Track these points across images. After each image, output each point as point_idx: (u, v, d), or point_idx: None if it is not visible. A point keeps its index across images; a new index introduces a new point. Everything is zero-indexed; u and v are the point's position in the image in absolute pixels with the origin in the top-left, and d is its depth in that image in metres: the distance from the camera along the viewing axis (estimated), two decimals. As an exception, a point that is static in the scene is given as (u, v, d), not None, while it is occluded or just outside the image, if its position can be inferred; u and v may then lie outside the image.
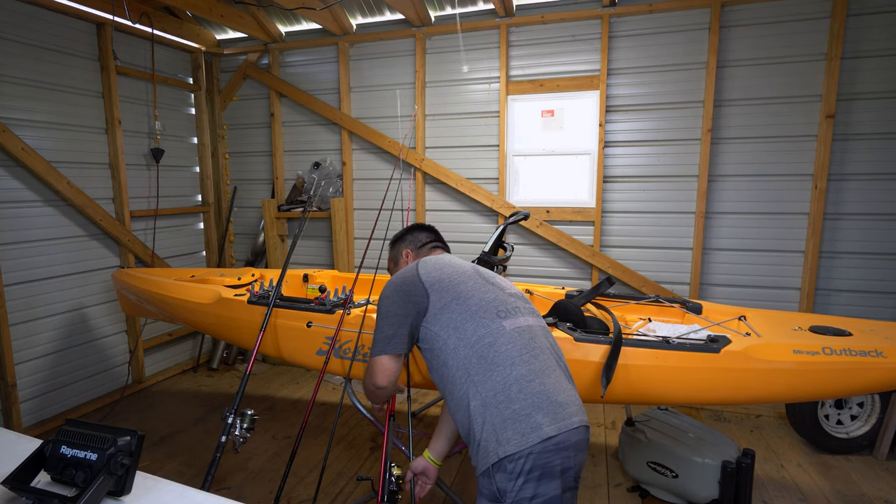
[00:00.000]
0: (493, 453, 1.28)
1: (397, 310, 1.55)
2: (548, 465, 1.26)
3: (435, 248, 1.89)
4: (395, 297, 1.58)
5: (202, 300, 2.66)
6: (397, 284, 1.61)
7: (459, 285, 1.55)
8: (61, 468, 0.99)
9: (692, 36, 3.33)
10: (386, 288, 1.63)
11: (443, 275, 1.58)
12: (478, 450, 1.33)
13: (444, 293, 1.52)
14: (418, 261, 1.69)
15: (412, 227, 1.95)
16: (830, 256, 3.26)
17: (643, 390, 2.02)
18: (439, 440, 1.73)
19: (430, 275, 1.58)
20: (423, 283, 1.56)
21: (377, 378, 1.53)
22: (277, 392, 3.88)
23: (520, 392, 1.31)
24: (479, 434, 1.33)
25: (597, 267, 3.65)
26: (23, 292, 3.17)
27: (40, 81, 3.22)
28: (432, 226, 1.98)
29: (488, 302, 1.50)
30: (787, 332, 2.13)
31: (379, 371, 1.53)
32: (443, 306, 1.50)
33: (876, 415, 2.86)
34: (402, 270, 1.67)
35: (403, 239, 1.94)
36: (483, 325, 1.43)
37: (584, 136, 3.67)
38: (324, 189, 4.19)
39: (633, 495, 2.55)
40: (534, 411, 1.29)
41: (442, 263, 1.64)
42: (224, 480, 2.73)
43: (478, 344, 1.40)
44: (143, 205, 3.94)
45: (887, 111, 3.07)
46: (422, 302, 1.53)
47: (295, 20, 4.15)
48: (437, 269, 1.60)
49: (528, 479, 1.25)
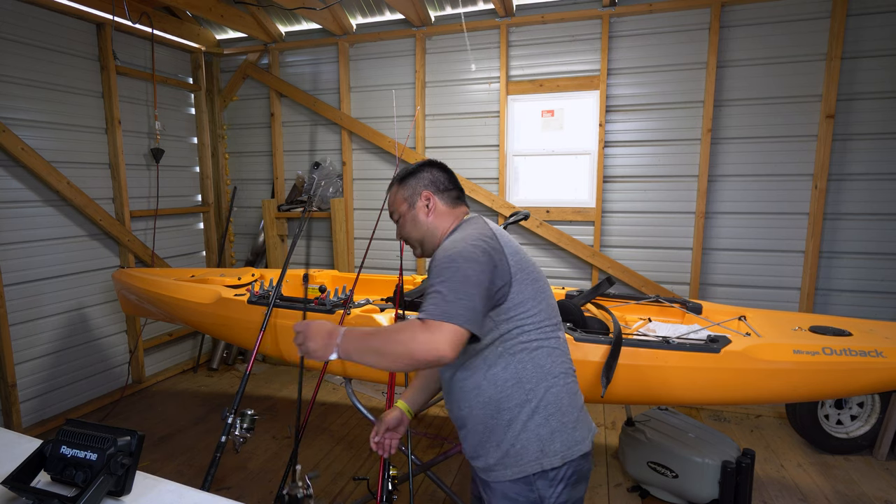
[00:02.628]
0: (534, 462, 1.26)
1: (483, 279, 1.16)
2: (581, 469, 1.31)
3: (459, 201, 1.44)
4: (483, 261, 1.18)
5: (202, 300, 2.66)
6: (484, 248, 1.20)
7: (538, 281, 1.30)
8: (61, 468, 0.99)
9: (692, 36, 3.33)
10: (463, 244, 1.21)
11: (523, 261, 1.28)
12: (506, 454, 1.27)
13: (524, 286, 1.26)
14: (489, 226, 1.32)
15: (427, 164, 1.45)
16: (830, 256, 3.26)
17: (643, 390, 2.02)
18: (418, 392, 1.56)
19: (514, 255, 1.26)
20: (508, 262, 1.24)
21: (446, 346, 1.07)
22: (277, 392, 3.88)
23: (570, 405, 1.31)
24: (514, 438, 1.26)
25: (597, 267, 3.65)
26: (23, 292, 3.17)
27: (40, 81, 3.22)
28: (449, 167, 1.48)
29: (553, 308, 1.35)
30: (787, 332, 2.13)
31: (453, 340, 1.08)
32: (520, 301, 1.25)
33: (876, 415, 2.86)
34: (476, 230, 1.28)
35: (419, 175, 1.42)
36: (544, 331, 1.31)
37: (584, 136, 3.67)
38: (324, 189, 4.19)
39: (633, 495, 2.55)
40: (579, 425, 1.31)
41: (515, 245, 1.32)
42: (224, 480, 2.73)
43: (537, 350, 1.30)
44: (143, 205, 3.94)
45: (887, 111, 3.07)
46: (503, 286, 1.22)
47: (295, 20, 4.15)
48: (516, 252, 1.28)
49: (567, 485, 1.28)
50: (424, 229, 1.40)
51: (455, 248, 1.21)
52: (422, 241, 1.42)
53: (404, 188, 1.43)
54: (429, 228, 1.40)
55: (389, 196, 1.47)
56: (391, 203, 1.46)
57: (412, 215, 1.41)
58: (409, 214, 1.41)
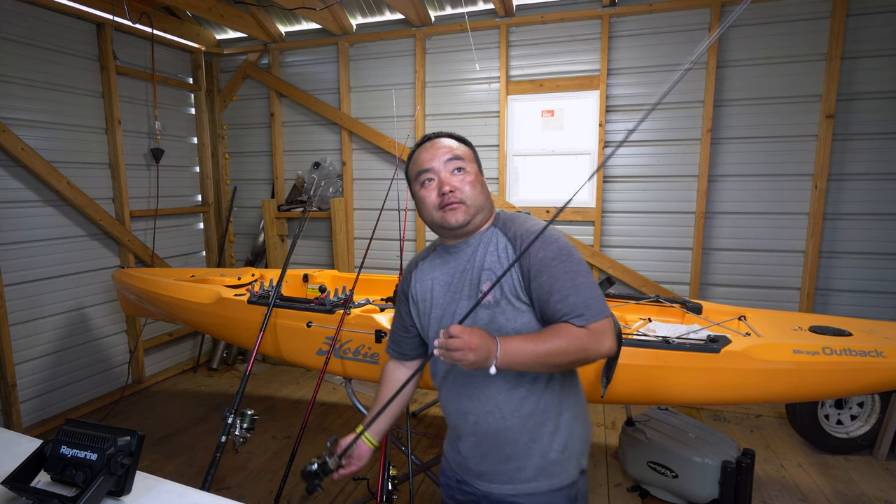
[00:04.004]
0: (577, 464, 1.24)
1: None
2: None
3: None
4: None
5: (202, 300, 2.66)
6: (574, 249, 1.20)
7: None
8: (61, 468, 0.99)
9: (692, 36, 3.33)
10: (564, 241, 1.18)
11: None
12: (552, 462, 1.20)
13: None
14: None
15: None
16: (830, 256, 3.26)
17: (643, 390, 2.02)
18: (383, 419, 1.31)
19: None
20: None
21: (611, 341, 1.11)
22: (277, 392, 3.88)
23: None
24: (563, 444, 1.21)
25: (597, 267, 3.65)
26: (23, 292, 3.17)
27: (40, 81, 3.22)
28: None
29: None
30: (787, 332, 2.13)
31: (610, 333, 1.12)
32: None
33: (876, 415, 2.86)
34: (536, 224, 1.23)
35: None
36: None
37: (584, 136, 3.67)
38: (324, 189, 4.19)
39: (633, 495, 2.55)
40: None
41: None
42: (224, 480, 2.73)
43: None
44: (143, 205, 3.94)
45: (887, 111, 3.06)
46: None
47: (295, 20, 4.15)
48: None
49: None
50: (484, 199, 1.23)
51: (559, 238, 1.18)
52: (476, 209, 1.21)
53: (473, 152, 1.28)
54: (487, 200, 1.25)
55: (451, 143, 1.24)
56: (456, 150, 1.22)
57: (481, 180, 1.25)
58: (478, 176, 1.24)
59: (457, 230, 1.20)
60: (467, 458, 1.26)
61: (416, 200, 1.25)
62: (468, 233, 1.23)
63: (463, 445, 1.27)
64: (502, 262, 1.18)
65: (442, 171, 1.19)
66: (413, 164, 1.25)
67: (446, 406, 1.30)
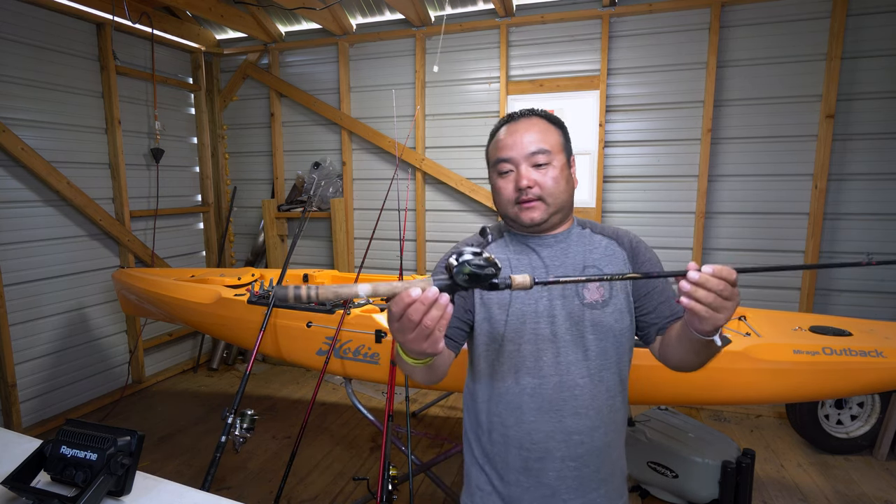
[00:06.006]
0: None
1: None
2: None
3: None
4: None
5: (202, 300, 2.66)
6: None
7: None
8: (61, 468, 0.99)
9: (692, 36, 3.33)
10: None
11: None
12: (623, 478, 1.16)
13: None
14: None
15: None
16: (830, 256, 3.25)
17: (643, 390, 2.02)
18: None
19: None
20: None
21: None
22: (277, 392, 3.88)
23: None
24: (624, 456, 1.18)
25: (597, 267, 3.65)
26: (23, 292, 3.17)
27: (40, 81, 3.22)
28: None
29: None
30: (787, 332, 2.13)
31: None
32: None
33: (876, 415, 2.86)
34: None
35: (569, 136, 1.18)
36: None
37: (584, 136, 3.67)
38: (324, 189, 4.19)
39: (633, 495, 2.55)
40: None
41: None
42: (224, 480, 2.73)
43: None
44: (143, 205, 3.94)
45: (887, 111, 3.06)
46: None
47: (295, 20, 4.15)
48: None
49: None
50: (566, 198, 1.09)
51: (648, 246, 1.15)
52: (557, 207, 1.08)
53: (564, 136, 1.12)
54: (570, 199, 1.11)
55: (538, 133, 1.07)
56: (542, 143, 1.06)
57: (567, 174, 1.09)
58: (563, 170, 1.08)
59: (531, 228, 1.10)
60: (558, 489, 1.05)
61: (492, 187, 1.12)
62: (545, 230, 1.11)
63: (549, 476, 1.05)
64: (611, 261, 1.10)
65: (522, 164, 1.05)
66: (493, 146, 1.12)
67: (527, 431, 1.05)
